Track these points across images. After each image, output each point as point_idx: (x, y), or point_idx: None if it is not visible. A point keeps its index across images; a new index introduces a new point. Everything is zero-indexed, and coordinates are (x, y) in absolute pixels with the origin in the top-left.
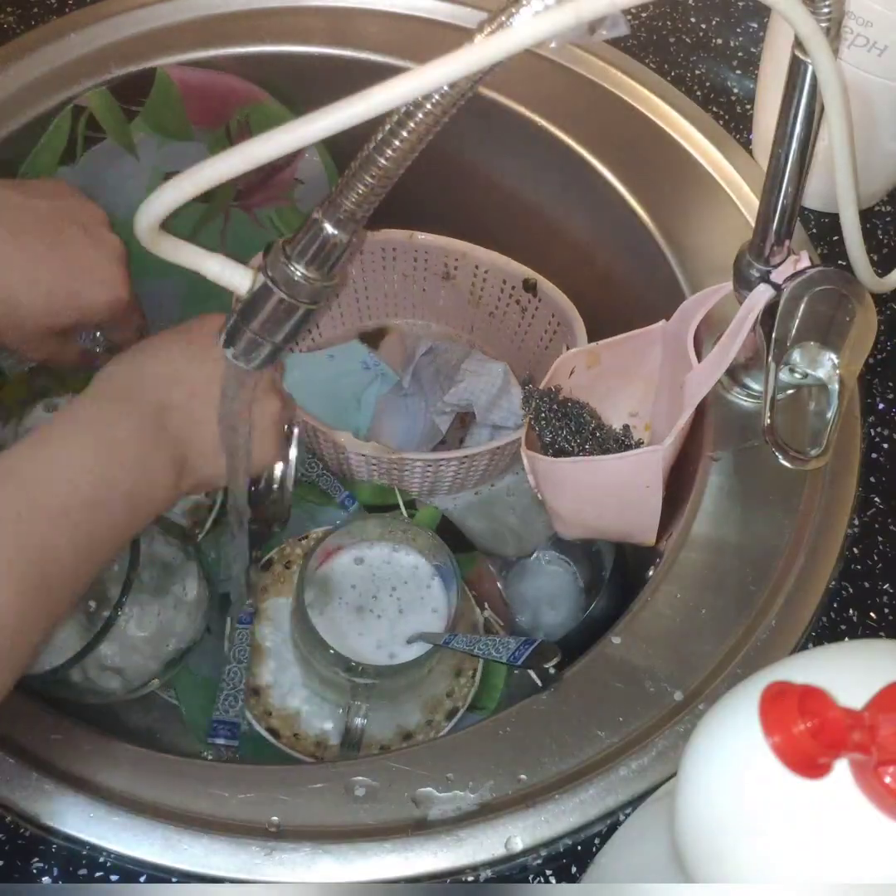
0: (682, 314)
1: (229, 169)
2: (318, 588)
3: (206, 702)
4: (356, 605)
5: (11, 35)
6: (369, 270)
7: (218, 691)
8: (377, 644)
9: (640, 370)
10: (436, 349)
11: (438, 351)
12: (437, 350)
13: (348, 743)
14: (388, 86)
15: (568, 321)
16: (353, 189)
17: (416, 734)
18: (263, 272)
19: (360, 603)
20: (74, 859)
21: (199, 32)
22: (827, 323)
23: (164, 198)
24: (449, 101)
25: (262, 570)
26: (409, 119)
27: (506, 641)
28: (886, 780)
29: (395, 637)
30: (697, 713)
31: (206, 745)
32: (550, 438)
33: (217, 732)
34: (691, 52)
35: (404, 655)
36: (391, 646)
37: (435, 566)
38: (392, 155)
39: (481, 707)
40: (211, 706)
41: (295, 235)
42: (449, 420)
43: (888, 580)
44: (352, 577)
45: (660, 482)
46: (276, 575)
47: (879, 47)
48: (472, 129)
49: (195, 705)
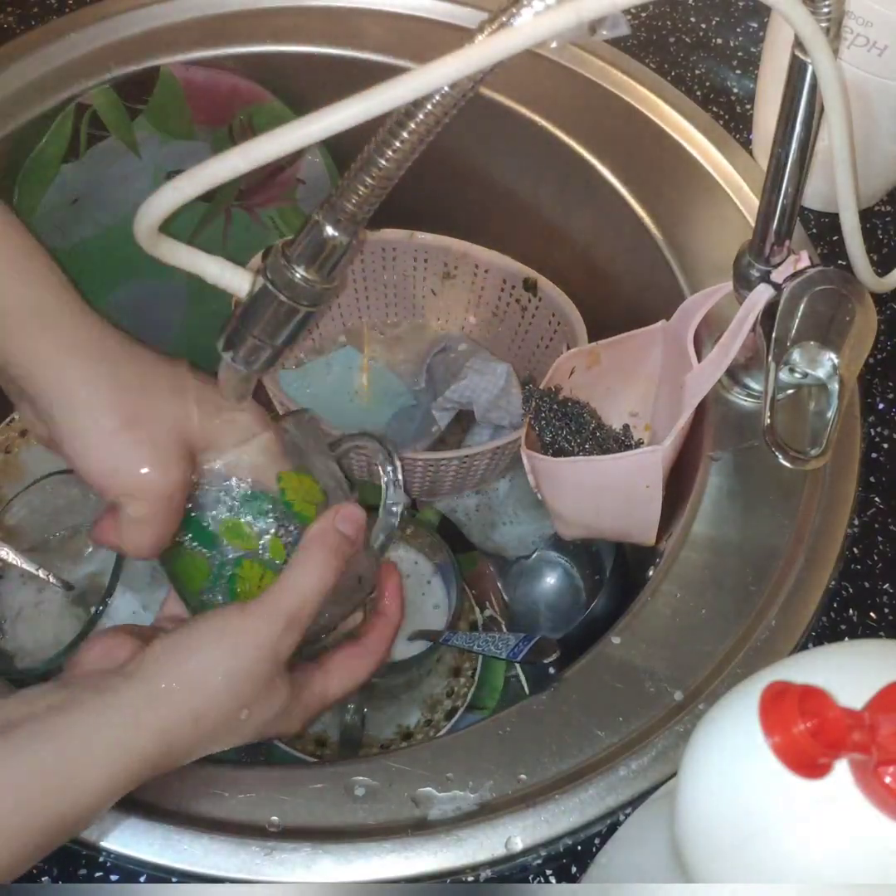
0: (682, 314)
1: (229, 170)
2: None
3: None
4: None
5: (11, 35)
6: (369, 270)
7: None
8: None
9: (641, 370)
10: (449, 348)
11: (451, 349)
12: (450, 349)
13: (346, 741)
14: (389, 86)
15: (568, 321)
16: (353, 190)
17: (416, 733)
18: (263, 275)
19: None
20: (74, 859)
21: (198, 32)
22: (827, 323)
23: (163, 199)
24: (449, 102)
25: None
26: (410, 119)
27: (505, 638)
28: (886, 780)
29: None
30: (697, 713)
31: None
32: (550, 438)
33: None
34: (691, 52)
35: (404, 653)
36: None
37: (435, 565)
38: (392, 156)
39: (481, 707)
40: None
41: (295, 237)
42: (449, 416)
43: (888, 580)
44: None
45: (660, 482)
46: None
47: (879, 47)
48: (473, 129)
49: None
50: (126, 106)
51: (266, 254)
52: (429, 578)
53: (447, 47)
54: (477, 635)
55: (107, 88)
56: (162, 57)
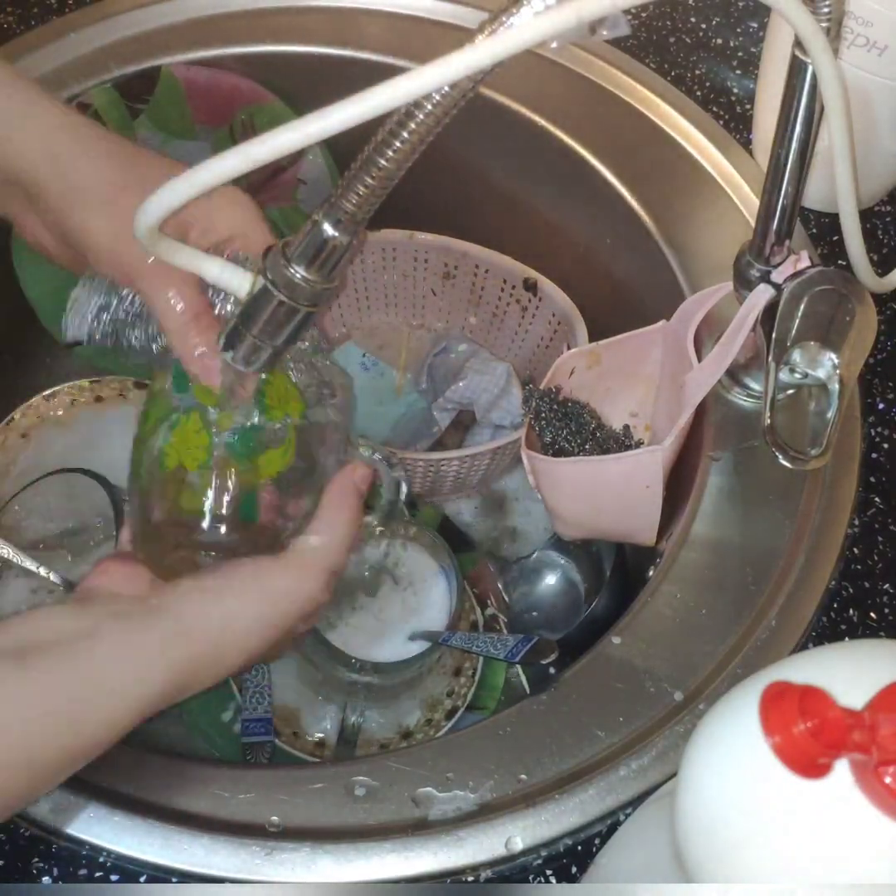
0: (682, 314)
1: (228, 170)
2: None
3: (208, 705)
4: (357, 604)
5: (11, 35)
6: (369, 270)
7: (243, 691)
8: (377, 641)
9: (641, 370)
10: (449, 348)
11: (451, 349)
12: (450, 349)
13: (345, 740)
14: (389, 86)
15: (568, 320)
16: (353, 190)
17: (416, 733)
18: (263, 275)
19: (361, 602)
20: (74, 859)
21: (198, 32)
22: (827, 323)
23: (163, 200)
24: (450, 102)
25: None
26: (410, 120)
27: (504, 639)
28: (886, 780)
29: (396, 635)
30: (697, 713)
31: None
32: (550, 438)
33: (251, 730)
34: (691, 52)
35: (404, 653)
36: (391, 643)
37: (436, 565)
38: (392, 156)
39: (481, 707)
40: (211, 709)
41: (295, 237)
42: (449, 417)
43: (888, 580)
44: (353, 576)
45: (660, 482)
46: None
47: (879, 47)
48: (473, 129)
49: (197, 710)
50: (127, 105)
51: (266, 254)
52: (430, 578)
53: (447, 47)
54: (476, 636)
55: (108, 88)
56: (162, 57)
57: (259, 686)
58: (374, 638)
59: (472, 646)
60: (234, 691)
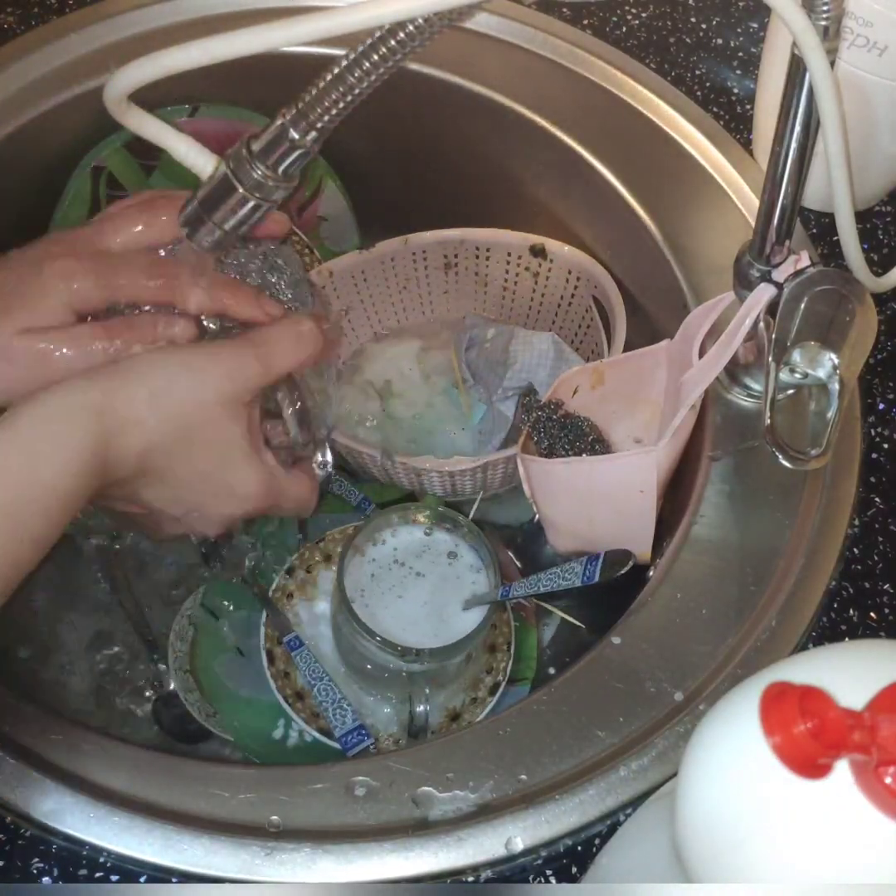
0: (686, 330)
1: (190, 60)
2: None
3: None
4: (397, 594)
5: (11, 35)
6: (373, 285)
7: (322, 711)
8: (427, 628)
9: (645, 394)
10: (475, 339)
11: (478, 339)
12: (477, 339)
13: (415, 731)
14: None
15: (587, 272)
16: (321, 101)
17: (463, 713)
18: (226, 162)
19: (400, 591)
20: (74, 859)
21: (198, 33)
22: (827, 323)
23: (130, 74)
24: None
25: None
26: (382, 43)
27: (569, 567)
28: (886, 781)
29: (444, 618)
30: (697, 713)
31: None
32: (547, 445)
33: (350, 743)
34: (691, 52)
35: (462, 629)
36: (441, 626)
37: (454, 533)
38: (360, 74)
39: (521, 678)
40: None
41: (260, 134)
42: (513, 405)
43: (888, 580)
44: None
45: (654, 487)
46: (300, 581)
47: (879, 47)
48: (473, 129)
49: (244, 725)
50: (140, 164)
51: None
52: (452, 548)
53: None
54: (537, 577)
55: (118, 149)
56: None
57: (335, 702)
58: (423, 626)
59: (538, 587)
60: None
